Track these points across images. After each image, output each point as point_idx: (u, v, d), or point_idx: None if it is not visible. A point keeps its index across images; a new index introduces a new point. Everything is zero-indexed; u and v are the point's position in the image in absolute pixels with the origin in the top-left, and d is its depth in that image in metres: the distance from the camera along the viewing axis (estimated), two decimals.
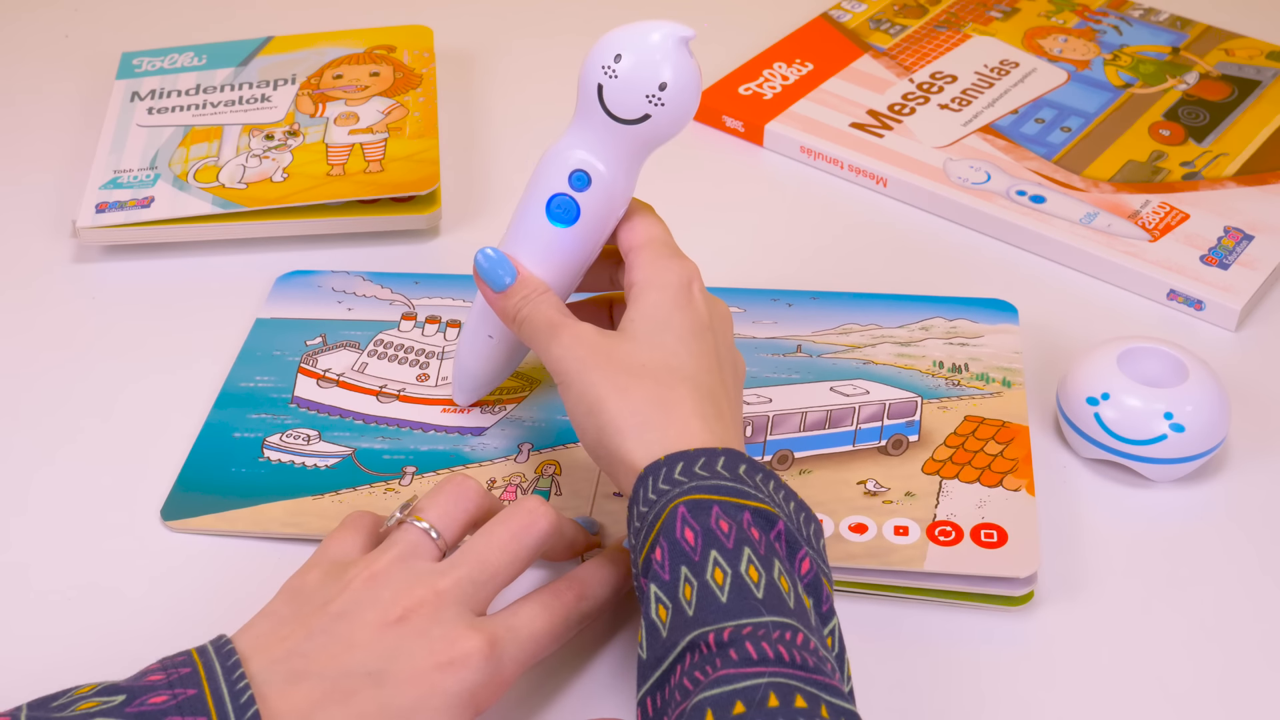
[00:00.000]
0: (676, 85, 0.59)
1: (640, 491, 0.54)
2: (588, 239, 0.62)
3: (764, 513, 0.52)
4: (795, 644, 0.49)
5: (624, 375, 0.57)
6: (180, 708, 0.48)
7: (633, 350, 0.58)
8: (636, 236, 0.62)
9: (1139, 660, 0.61)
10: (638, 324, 0.59)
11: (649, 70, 0.59)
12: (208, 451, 0.69)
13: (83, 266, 0.82)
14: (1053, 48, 0.98)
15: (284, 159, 0.85)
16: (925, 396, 0.71)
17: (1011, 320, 0.75)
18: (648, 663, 0.51)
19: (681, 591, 0.51)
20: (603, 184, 0.61)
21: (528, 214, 0.62)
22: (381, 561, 0.54)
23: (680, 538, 0.52)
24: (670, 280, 0.60)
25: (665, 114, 0.59)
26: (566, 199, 0.61)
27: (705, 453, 0.54)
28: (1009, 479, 0.66)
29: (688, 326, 0.59)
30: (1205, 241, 0.81)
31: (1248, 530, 0.67)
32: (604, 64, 0.59)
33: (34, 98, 0.97)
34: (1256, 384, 0.74)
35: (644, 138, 0.60)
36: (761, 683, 0.47)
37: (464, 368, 0.68)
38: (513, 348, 0.67)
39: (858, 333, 0.75)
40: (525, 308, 0.62)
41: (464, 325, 0.68)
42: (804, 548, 0.53)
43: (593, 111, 0.60)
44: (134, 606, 0.62)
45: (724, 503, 0.52)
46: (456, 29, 1.01)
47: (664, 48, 0.59)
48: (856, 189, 0.88)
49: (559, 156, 0.61)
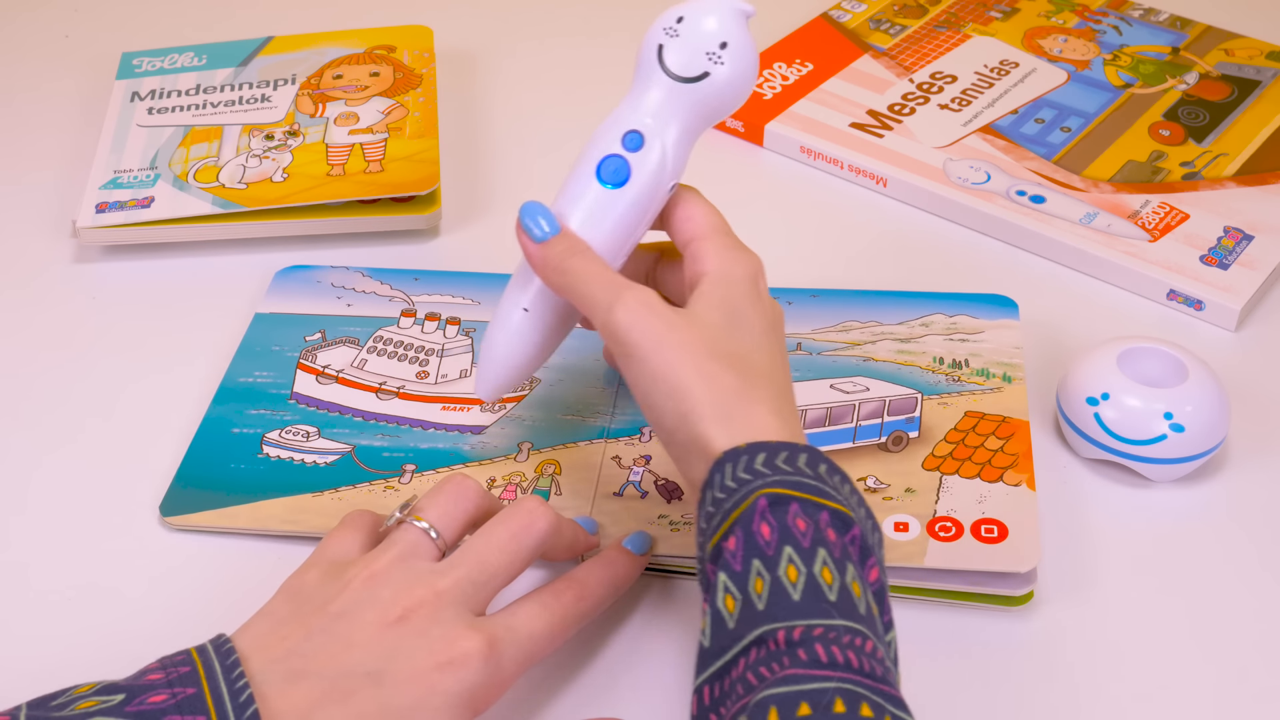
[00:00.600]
0: (736, 46, 0.60)
1: (717, 477, 0.53)
2: (637, 203, 0.61)
3: (841, 515, 0.52)
4: (865, 651, 0.48)
5: (708, 360, 0.56)
6: (179, 707, 0.48)
7: (713, 337, 0.57)
8: (700, 224, 0.61)
9: (1139, 660, 0.61)
10: (714, 312, 0.58)
11: (711, 28, 0.60)
12: (207, 447, 0.69)
13: (83, 266, 0.82)
14: (1053, 48, 0.98)
15: (284, 159, 0.85)
16: (925, 393, 0.71)
17: (1012, 315, 0.75)
18: (710, 651, 0.50)
19: (752, 584, 0.50)
20: (656, 145, 0.61)
21: (578, 176, 0.61)
22: (381, 561, 0.54)
23: (756, 530, 0.51)
24: (742, 273, 0.59)
25: (724, 73, 0.60)
26: (618, 159, 0.61)
27: (787, 447, 0.53)
28: (1009, 474, 0.66)
29: (761, 322, 0.59)
30: (1205, 241, 0.81)
31: (1248, 530, 0.67)
32: (665, 26, 0.61)
33: (34, 98, 0.97)
34: (1256, 384, 0.74)
35: (702, 98, 0.60)
36: (829, 687, 0.47)
37: (492, 352, 0.63)
38: (550, 325, 0.63)
39: (857, 330, 0.75)
40: (572, 258, 0.59)
41: (496, 308, 0.64)
42: (874, 555, 0.52)
43: (651, 74, 0.61)
44: (133, 605, 0.62)
45: (803, 500, 0.51)
46: (456, 29, 1.01)
47: (726, 12, 0.60)
48: (856, 189, 0.88)
49: (613, 120, 0.61)
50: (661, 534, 0.64)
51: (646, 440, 0.69)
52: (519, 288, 0.63)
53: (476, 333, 0.75)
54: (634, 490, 0.66)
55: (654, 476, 0.67)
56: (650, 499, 0.66)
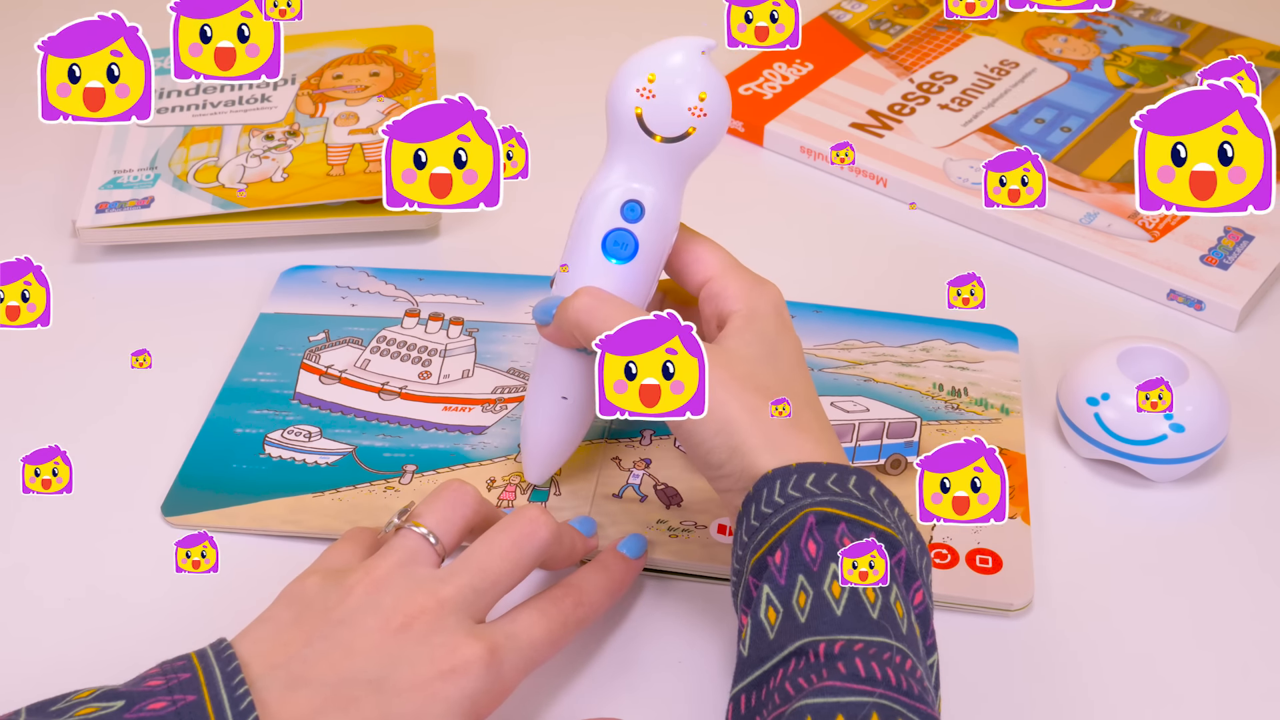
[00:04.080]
0: (714, 94, 0.59)
1: (764, 492, 0.54)
2: (647, 271, 0.61)
3: (889, 537, 0.52)
4: (904, 669, 0.49)
5: (752, 394, 0.56)
6: (179, 714, 0.48)
7: (753, 370, 0.57)
8: (711, 264, 0.61)
9: (1139, 660, 0.61)
10: (751, 347, 0.58)
11: (687, 83, 0.58)
12: (209, 447, 0.69)
13: (83, 266, 0.82)
14: (1053, 48, 0.98)
15: (284, 159, 0.85)
16: (925, 418, 0.71)
17: (1011, 348, 0.75)
18: (749, 660, 0.51)
19: (795, 598, 0.51)
20: (656, 211, 0.60)
21: (584, 256, 0.60)
22: (382, 568, 0.54)
23: (803, 546, 0.51)
24: (769, 306, 0.60)
25: (708, 125, 0.59)
26: (623, 233, 0.60)
27: (837, 469, 0.54)
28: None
29: (794, 353, 0.59)
30: (1205, 241, 0.81)
31: (1248, 530, 0.67)
32: (637, 87, 0.59)
33: (34, 98, 0.96)
34: (1256, 384, 0.74)
35: (689, 153, 0.60)
36: (867, 701, 0.47)
37: (537, 440, 0.64)
38: (591, 403, 0.63)
39: (859, 349, 0.75)
40: (593, 304, 0.58)
41: (528, 396, 0.65)
42: (920, 578, 0.53)
43: (632, 138, 0.59)
44: (134, 607, 0.62)
45: (851, 521, 0.52)
46: (456, 29, 1.01)
47: (693, 60, 0.59)
48: (856, 189, 0.88)
49: (606, 191, 0.60)
50: (659, 539, 0.64)
51: (647, 443, 0.69)
52: (553, 377, 0.63)
53: (480, 333, 0.75)
54: (633, 493, 0.66)
55: (654, 480, 0.67)
56: (649, 503, 0.66)
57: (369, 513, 0.65)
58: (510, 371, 0.73)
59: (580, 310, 0.58)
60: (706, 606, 0.63)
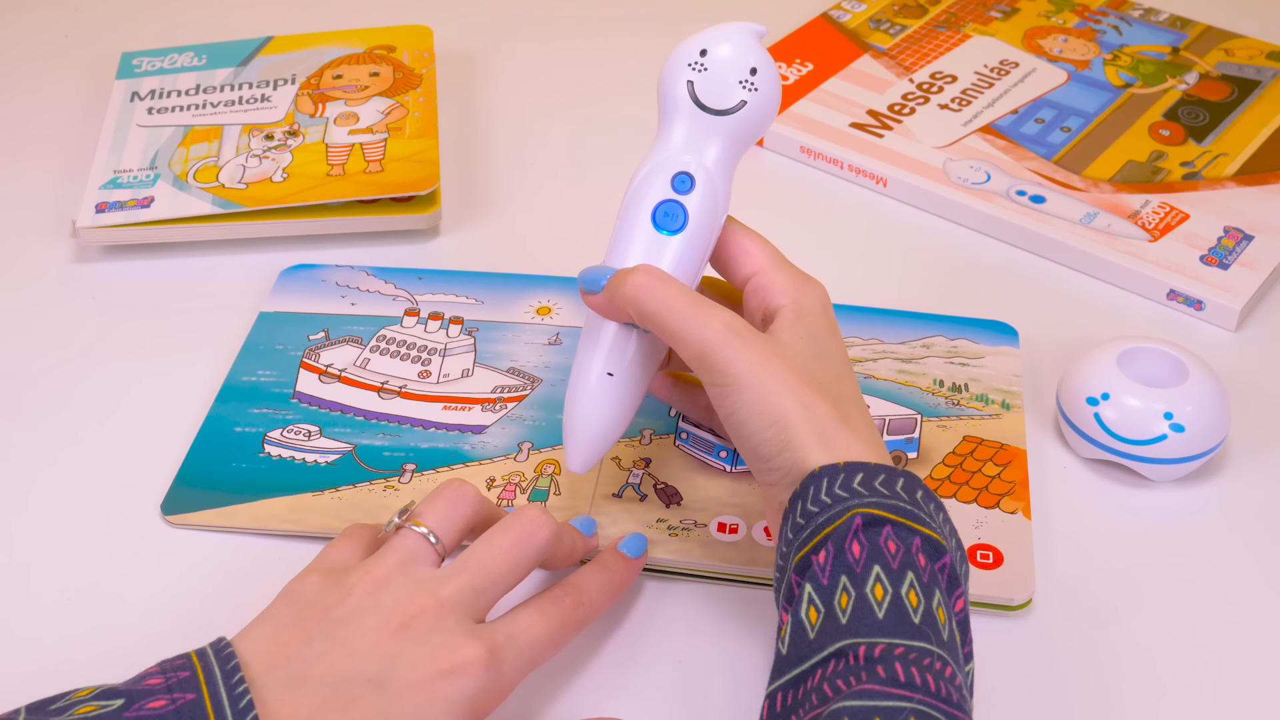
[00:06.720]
0: (765, 70, 0.60)
1: (811, 490, 0.53)
2: (697, 245, 0.60)
3: (934, 542, 0.52)
4: (944, 676, 0.49)
5: (806, 389, 0.55)
6: (179, 713, 0.48)
7: (806, 365, 0.57)
8: (759, 258, 0.61)
9: (1138, 660, 0.61)
10: (802, 342, 0.58)
11: (739, 56, 0.60)
12: (209, 446, 0.69)
13: (83, 266, 0.82)
14: (1053, 48, 0.98)
15: (284, 159, 0.85)
16: (925, 414, 0.71)
17: (1012, 343, 0.75)
18: (787, 659, 0.51)
19: (837, 599, 0.51)
20: (707, 183, 0.60)
21: (633, 227, 0.60)
22: (382, 567, 0.54)
23: (847, 548, 0.51)
24: (818, 303, 0.60)
25: (759, 99, 0.60)
26: (673, 204, 0.60)
27: (886, 470, 0.54)
28: (1006, 501, 0.66)
29: (841, 352, 0.59)
30: (1205, 241, 0.81)
31: (1247, 530, 0.67)
32: (690, 61, 0.60)
33: (34, 98, 0.97)
34: (1256, 384, 0.74)
35: (739, 128, 0.60)
36: (905, 706, 0.47)
37: (583, 421, 0.61)
38: (636, 381, 0.61)
39: (859, 346, 0.75)
40: (651, 282, 0.57)
41: (572, 373, 0.62)
42: (961, 585, 0.53)
43: (684, 112, 0.60)
44: (134, 607, 0.62)
45: (897, 524, 0.52)
46: (456, 29, 1.01)
47: (746, 37, 0.60)
48: (856, 189, 0.88)
49: (657, 165, 0.60)
50: (659, 538, 0.64)
51: (646, 443, 0.69)
52: (595, 353, 0.61)
53: (479, 332, 0.75)
54: (633, 492, 0.66)
55: (653, 480, 0.67)
56: (649, 502, 0.66)
57: (369, 512, 0.65)
58: (510, 371, 0.73)
59: (639, 288, 0.57)
60: (706, 606, 0.63)
